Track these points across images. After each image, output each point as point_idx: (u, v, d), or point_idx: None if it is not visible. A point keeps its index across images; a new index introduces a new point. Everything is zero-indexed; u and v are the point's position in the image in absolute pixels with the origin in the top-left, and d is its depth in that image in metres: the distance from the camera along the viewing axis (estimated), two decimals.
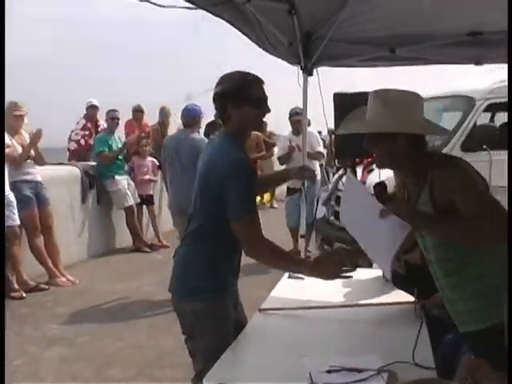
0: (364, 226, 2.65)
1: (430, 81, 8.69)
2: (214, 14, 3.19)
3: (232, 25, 3.46)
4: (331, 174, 11.27)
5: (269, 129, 12.63)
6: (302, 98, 4.81)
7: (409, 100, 2.46)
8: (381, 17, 4.16)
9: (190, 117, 6.43)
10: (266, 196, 14.04)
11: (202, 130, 6.98)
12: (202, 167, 2.91)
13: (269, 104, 2.84)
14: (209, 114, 6.52)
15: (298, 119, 7.75)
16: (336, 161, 7.05)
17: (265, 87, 2.81)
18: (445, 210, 2.39)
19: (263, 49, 4.14)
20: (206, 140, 6.20)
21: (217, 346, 2.71)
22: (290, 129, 8.49)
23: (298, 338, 2.77)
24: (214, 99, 2.84)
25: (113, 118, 9.45)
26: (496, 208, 2.31)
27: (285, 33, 4.13)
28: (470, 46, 4.72)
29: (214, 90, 2.82)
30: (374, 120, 2.50)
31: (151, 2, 2.29)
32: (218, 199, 2.72)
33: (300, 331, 2.95)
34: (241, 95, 2.76)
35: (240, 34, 3.72)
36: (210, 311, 2.83)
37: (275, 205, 13.91)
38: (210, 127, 7.12)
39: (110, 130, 9.43)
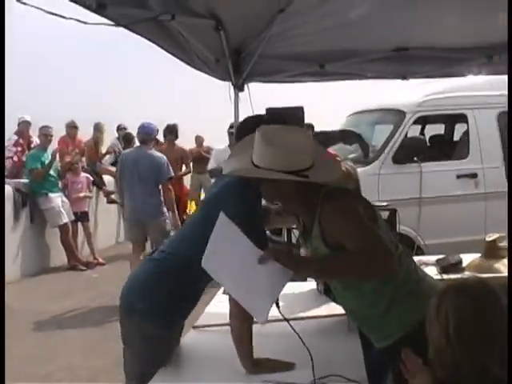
0: (237, 270, 2.41)
1: (363, 94, 8.80)
2: (135, 32, 3.14)
3: (155, 43, 3.43)
4: None
5: (205, 143, 12.55)
6: (234, 114, 4.84)
7: (293, 140, 2.37)
8: (309, 33, 4.21)
9: (147, 134, 7.04)
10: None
11: None
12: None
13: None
14: None
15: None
16: None
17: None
18: (334, 245, 2.37)
19: (190, 65, 4.13)
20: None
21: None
22: (227, 142, 8.21)
23: (232, 355, 2.77)
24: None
25: (46, 135, 9.29)
26: (377, 244, 2.26)
27: (212, 49, 4.13)
28: (396, 62, 4.84)
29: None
30: (253, 163, 2.42)
31: (76, 20, 2.29)
32: None
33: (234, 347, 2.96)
34: None
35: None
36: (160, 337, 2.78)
37: None
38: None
39: (43, 146, 9.27)
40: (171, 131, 9.82)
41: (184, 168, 10.74)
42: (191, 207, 11.15)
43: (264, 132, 2.39)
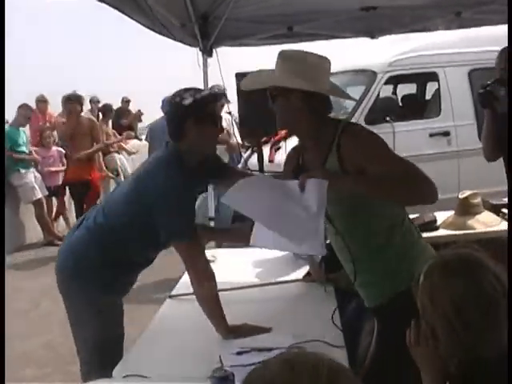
0: (269, 209, 2.40)
1: (334, 56, 8.67)
2: (103, 1, 3.07)
3: (117, 9, 3.35)
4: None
5: None
6: (203, 80, 4.77)
7: (310, 59, 2.40)
8: None
9: None
10: None
11: None
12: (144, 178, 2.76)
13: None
14: None
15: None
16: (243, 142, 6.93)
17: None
18: (353, 172, 2.33)
19: (155, 31, 4.05)
20: None
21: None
22: None
23: (209, 322, 2.75)
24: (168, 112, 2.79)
25: (26, 117, 9.06)
26: (416, 168, 2.28)
27: (177, 14, 4.06)
28: (364, 21, 4.81)
29: (171, 103, 2.74)
30: (269, 75, 2.46)
31: None
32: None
33: None
34: (198, 111, 2.66)
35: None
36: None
37: None
38: None
39: (20, 125, 9.04)
40: (74, 100, 8.47)
41: (94, 144, 8.72)
42: None
43: (286, 52, 2.44)
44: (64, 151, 9.44)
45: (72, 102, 8.46)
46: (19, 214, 9.25)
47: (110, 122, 10.70)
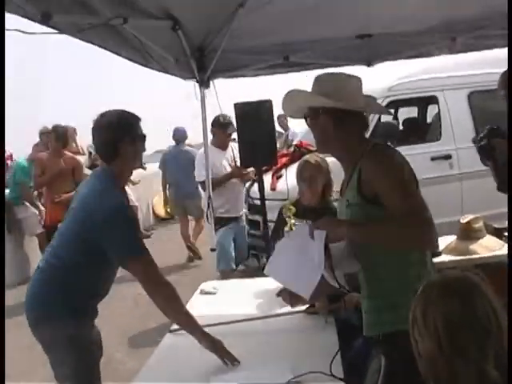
0: (292, 260, 2.46)
1: None
2: (82, 39, 3.03)
3: (107, 49, 3.33)
4: None
5: None
6: (201, 112, 4.80)
7: (340, 79, 2.44)
8: (271, 25, 4.17)
9: (182, 135, 9.04)
10: None
11: None
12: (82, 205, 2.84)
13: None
14: None
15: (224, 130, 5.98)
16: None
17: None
18: (369, 198, 2.30)
19: (150, 68, 4.07)
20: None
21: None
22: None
23: (208, 357, 2.73)
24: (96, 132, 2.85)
25: (37, 145, 9.08)
26: (421, 210, 2.21)
27: (170, 50, 4.07)
28: (361, 49, 4.82)
29: (98, 124, 2.83)
30: (302, 96, 2.49)
31: (20, 31, 2.22)
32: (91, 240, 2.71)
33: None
34: (132, 131, 2.82)
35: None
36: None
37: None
38: None
39: (32, 158, 8.94)
40: (58, 136, 7.51)
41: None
42: None
43: (320, 76, 2.49)
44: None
45: (58, 137, 7.52)
46: (23, 246, 9.24)
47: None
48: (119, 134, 2.78)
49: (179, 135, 9.10)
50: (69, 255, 2.81)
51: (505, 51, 3.53)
